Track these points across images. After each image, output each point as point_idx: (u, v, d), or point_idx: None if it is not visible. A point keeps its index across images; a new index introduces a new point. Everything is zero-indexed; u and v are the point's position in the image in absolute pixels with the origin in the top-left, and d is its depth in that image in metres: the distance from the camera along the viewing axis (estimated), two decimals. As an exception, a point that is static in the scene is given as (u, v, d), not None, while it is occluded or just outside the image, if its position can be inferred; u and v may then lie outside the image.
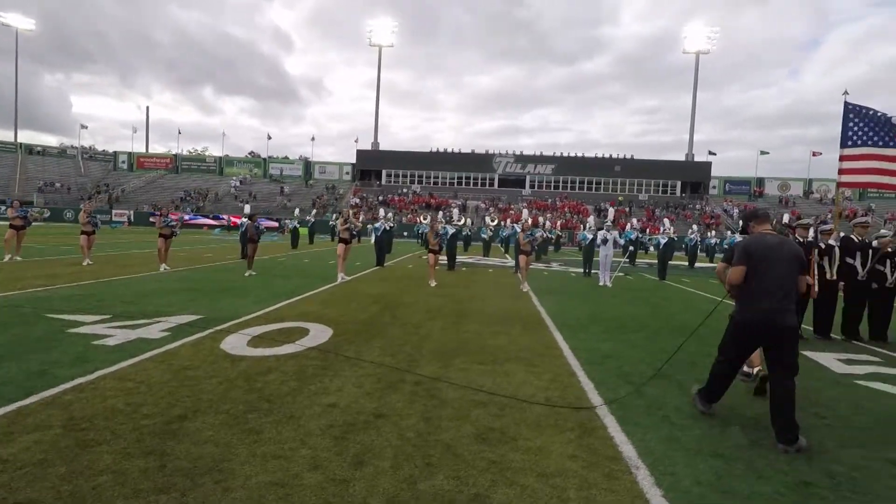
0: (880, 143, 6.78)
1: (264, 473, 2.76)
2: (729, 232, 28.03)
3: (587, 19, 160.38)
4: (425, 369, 4.83)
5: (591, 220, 15.83)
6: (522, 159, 60.09)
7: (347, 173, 63.09)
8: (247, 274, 11.53)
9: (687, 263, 21.23)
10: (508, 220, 28.67)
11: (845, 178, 7.14)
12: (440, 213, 21.58)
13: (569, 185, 59.52)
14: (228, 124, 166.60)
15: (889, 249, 7.15)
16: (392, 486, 2.70)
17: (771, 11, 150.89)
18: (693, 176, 58.77)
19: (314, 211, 30.98)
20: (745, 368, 4.93)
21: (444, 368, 4.89)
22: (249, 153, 77.99)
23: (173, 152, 68.74)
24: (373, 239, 16.89)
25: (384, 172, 61.24)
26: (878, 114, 6.86)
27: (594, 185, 59.44)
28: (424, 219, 27.35)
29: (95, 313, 6.64)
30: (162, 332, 5.82)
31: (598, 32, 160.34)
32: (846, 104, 7.06)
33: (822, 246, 7.08)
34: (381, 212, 19.90)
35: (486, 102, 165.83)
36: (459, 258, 19.42)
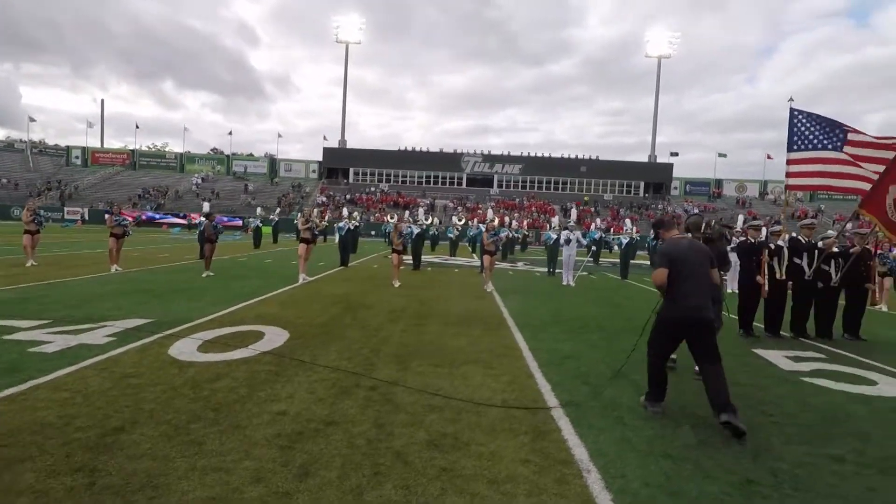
0: (829, 147, 7.03)
1: (202, 488, 2.63)
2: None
3: (555, 21, 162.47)
4: (382, 373, 4.74)
5: (555, 220, 16.00)
6: (490, 159, 60.44)
7: (314, 171, 62.17)
8: (204, 275, 11.16)
9: (648, 263, 21.71)
10: (475, 220, 28.79)
11: (793, 181, 7.41)
12: (407, 212, 21.44)
13: (536, 184, 60.20)
14: (190, 119, 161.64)
15: (834, 250, 7.46)
16: (337, 498, 2.61)
17: (729, 19, 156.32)
18: (655, 177, 60.31)
19: (278, 210, 30.34)
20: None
21: (402, 372, 4.82)
22: (212, 150, 75.90)
23: (130, 148, 66.24)
24: (336, 238, 16.63)
25: (352, 171, 60.60)
26: (822, 118, 7.13)
27: (561, 185, 60.30)
28: (391, 218, 27.15)
29: (35, 318, 6.28)
30: (106, 337, 5.54)
31: (566, 34, 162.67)
32: (792, 110, 7.32)
33: (772, 246, 7.31)
34: (345, 211, 19.65)
35: (456, 102, 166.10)
36: (426, 258, 19.35)
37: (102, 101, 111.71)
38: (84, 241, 22.04)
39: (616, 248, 26.02)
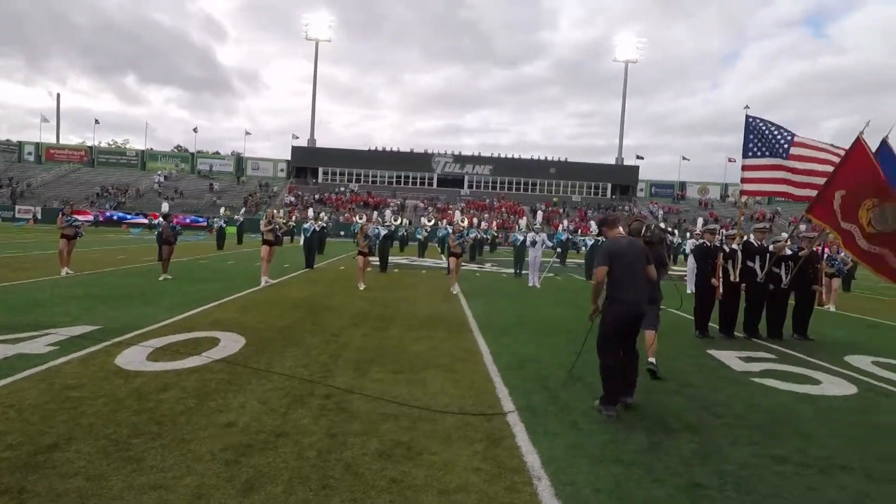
0: (779, 155, 7.30)
1: (138, 508, 2.52)
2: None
3: (528, 23, 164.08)
4: (339, 380, 4.66)
5: (522, 221, 16.13)
6: (461, 159, 60.62)
7: (282, 170, 61.16)
8: (161, 278, 10.81)
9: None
10: (445, 221, 28.82)
11: (747, 187, 7.66)
12: (375, 213, 21.28)
13: (506, 185, 60.69)
14: (154, 116, 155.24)
15: (787, 252, 7.73)
16: (281, 515, 2.54)
17: (696, 26, 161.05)
18: (622, 179, 61.59)
19: (243, 210, 29.68)
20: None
21: (359, 379, 4.75)
22: (176, 147, 73.77)
23: (89, 144, 63.80)
24: (301, 240, 16.36)
25: (321, 170, 59.88)
26: (775, 126, 7.39)
27: (531, 186, 60.96)
28: (360, 218, 26.90)
29: (-28, 326, 5.95)
30: (49, 346, 5.28)
31: (538, 37, 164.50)
32: (747, 117, 7.57)
33: (727, 250, 7.52)
34: (310, 212, 19.35)
35: (428, 101, 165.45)
36: (394, 259, 19.25)
37: (58, 94, 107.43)
38: (37, 241, 21.09)
39: (583, 248, 26.48)
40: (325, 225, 20.13)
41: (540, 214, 17.98)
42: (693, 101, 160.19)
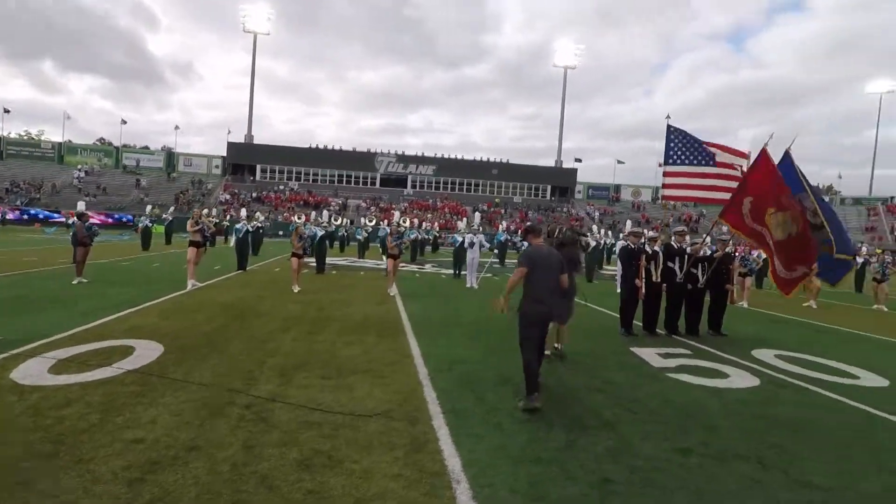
0: (696, 162, 7.79)
1: (21, 538, 2.33)
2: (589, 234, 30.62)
3: (472, 25, 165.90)
4: (261, 388, 4.52)
5: (461, 223, 16.27)
6: (404, 159, 60.39)
7: (217, 167, 58.56)
8: (75, 282, 10.08)
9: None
10: (387, 221, 28.60)
11: (668, 192, 8.11)
12: (313, 213, 20.80)
13: (449, 185, 61.03)
14: (75, 105, 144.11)
15: (707, 252, 8.25)
16: (184, 535, 2.42)
17: (629, 36, 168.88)
18: (561, 181, 63.46)
19: (172, 208, 28.18)
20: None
21: (284, 386, 4.62)
22: (99, 140, 69.01)
23: (-3, 135, 58.43)
24: (233, 241, 15.73)
25: (259, 167, 57.84)
26: (693, 137, 7.88)
27: (473, 187, 61.60)
28: (299, 218, 26.23)
29: None
30: (-67, 360, 4.79)
31: (482, 39, 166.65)
32: (668, 126, 8.02)
33: (649, 251, 7.92)
34: (243, 212, 18.65)
35: (372, 99, 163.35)
36: (333, 260, 18.91)
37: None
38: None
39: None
40: (260, 225, 19.48)
41: (478, 216, 18.22)
42: (627, 108, 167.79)
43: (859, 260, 17.45)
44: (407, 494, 2.89)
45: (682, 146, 7.86)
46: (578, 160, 68.88)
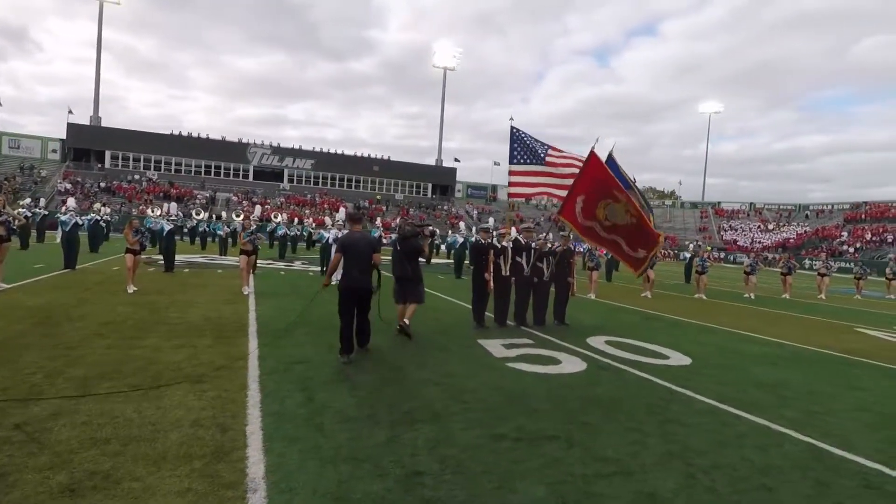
0: (537, 162, 8.30)
1: None
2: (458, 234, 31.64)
3: (357, 19, 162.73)
4: (47, 403, 3.88)
5: (327, 220, 15.80)
6: (280, 152, 57.52)
7: (55, 151, 50.94)
8: None
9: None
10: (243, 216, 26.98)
11: (514, 190, 8.56)
12: (165, 205, 18.89)
13: (329, 181, 59.36)
14: None
15: (554, 246, 8.82)
16: None
17: (509, 44, 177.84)
18: (442, 180, 64.83)
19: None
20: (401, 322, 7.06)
21: (75, 400, 4.02)
22: None
23: None
24: (59, 236, 13.69)
25: (109, 154, 51.41)
26: (534, 138, 8.40)
27: (354, 183, 60.55)
28: (153, 211, 23.71)
29: None
30: None
31: (367, 34, 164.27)
32: (512, 128, 8.46)
33: (499, 246, 8.27)
34: (71, 202, 16.43)
35: (250, 87, 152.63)
36: (191, 258, 17.37)
37: None
38: None
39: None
40: (100, 217, 17.21)
41: (342, 212, 17.82)
42: (506, 112, 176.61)
43: (688, 255, 19.95)
44: (190, 511, 2.62)
45: (525, 146, 8.33)
46: (457, 160, 70.75)
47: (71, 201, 16.81)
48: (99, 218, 16.72)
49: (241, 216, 23.44)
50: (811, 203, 65.86)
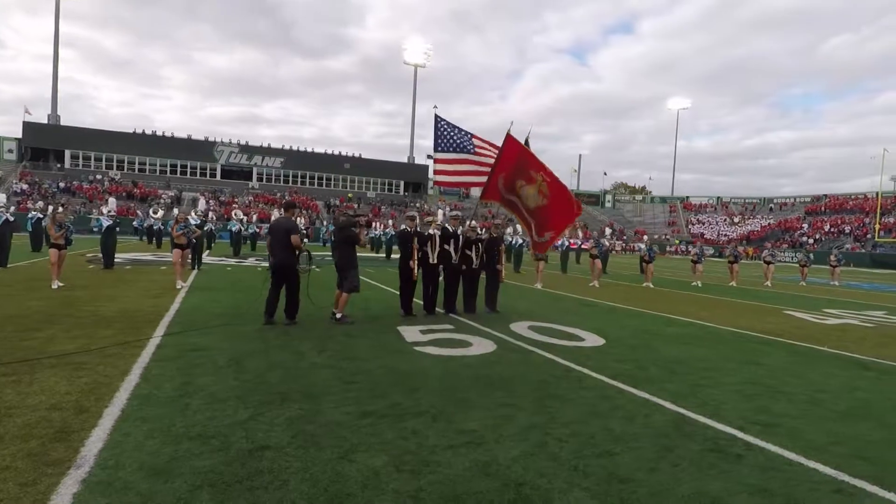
0: (461, 150, 8.35)
1: None
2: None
3: (333, 16, 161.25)
4: None
5: (275, 213, 15.62)
6: (249, 150, 56.77)
7: (11, 151, 49.36)
8: None
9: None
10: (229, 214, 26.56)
11: (439, 178, 8.59)
12: (111, 199, 18.47)
13: (299, 179, 58.77)
14: None
15: (483, 234, 8.89)
16: None
17: (487, 42, 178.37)
18: (414, 177, 64.71)
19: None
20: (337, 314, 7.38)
21: (-68, 388, 3.90)
22: None
23: None
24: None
25: (69, 153, 50.06)
26: (457, 127, 8.45)
27: (325, 181, 60.07)
28: (105, 206, 23.13)
29: None
30: None
31: (344, 31, 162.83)
32: (436, 117, 8.48)
33: (425, 234, 8.29)
34: (2, 198, 15.96)
35: (224, 85, 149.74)
36: (141, 255, 17.03)
37: None
38: None
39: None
40: (42, 216, 16.72)
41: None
42: (484, 110, 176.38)
43: (643, 246, 20.31)
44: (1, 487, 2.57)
45: (449, 135, 8.37)
46: (430, 157, 70.66)
47: (2, 197, 16.28)
48: (41, 216, 16.25)
49: (156, 212, 23.21)
50: (775, 197, 67.73)
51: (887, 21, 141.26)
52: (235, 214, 25.08)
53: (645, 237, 24.10)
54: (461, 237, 8.54)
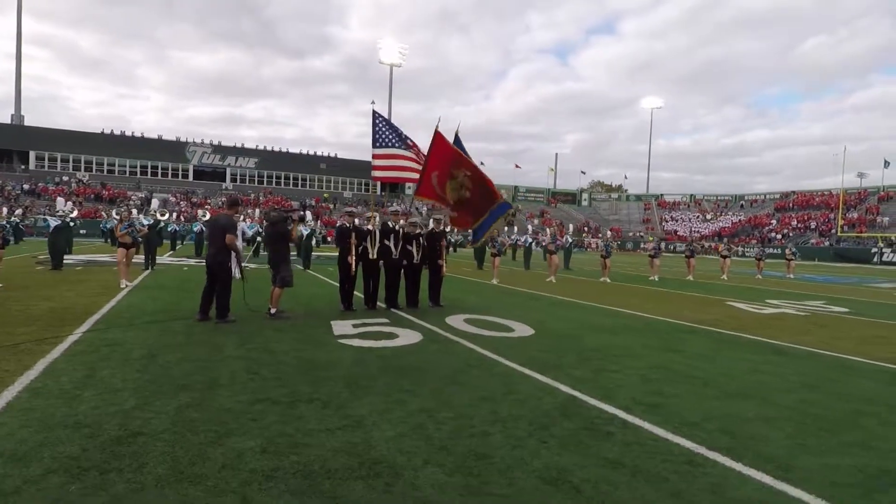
0: (397, 146, 8.45)
1: None
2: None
3: (316, 15, 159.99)
4: None
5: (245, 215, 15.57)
6: (221, 150, 56.11)
7: (-27, 153, 48.06)
8: None
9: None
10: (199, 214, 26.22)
11: (377, 174, 8.67)
12: (60, 199, 18.17)
13: (274, 180, 58.27)
14: None
15: (419, 231, 8.99)
16: None
17: (471, 42, 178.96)
18: (391, 176, 64.56)
19: None
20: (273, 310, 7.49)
21: None
22: None
23: None
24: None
25: (34, 154, 48.89)
26: (393, 124, 8.57)
27: (301, 182, 59.65)
28: (67, 205, 22.70)
29: None
30: None
31: (327, 31, 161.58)
32: (374, 112, 8.57)
33: (364, 230, 8.37)
34: (68, 205, 15.74)
35: (205, 85, 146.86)
36: (95, 256, 16.78)
37: None
38: None
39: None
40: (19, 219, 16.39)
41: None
42: (468, 110, 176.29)
43: (601, 243, 20.62)
44: None
45: (386, 131, 8.47)
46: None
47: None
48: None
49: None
50: (746, 194, 69.11)
51: (862, 23, 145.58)
52: (200, 216, 24.85)
53: (600, 234, 24.45)
54: (401, 232, 8.62)
